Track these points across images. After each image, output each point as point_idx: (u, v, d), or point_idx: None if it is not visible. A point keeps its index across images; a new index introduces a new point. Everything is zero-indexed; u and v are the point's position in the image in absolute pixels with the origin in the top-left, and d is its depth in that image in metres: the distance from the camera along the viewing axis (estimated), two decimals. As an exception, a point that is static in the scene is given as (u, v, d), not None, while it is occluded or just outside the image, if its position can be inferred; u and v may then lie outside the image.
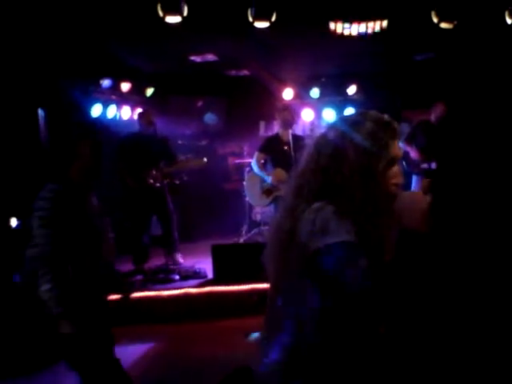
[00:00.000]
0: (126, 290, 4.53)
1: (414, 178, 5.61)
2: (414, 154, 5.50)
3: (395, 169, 1.44)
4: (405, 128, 5.90)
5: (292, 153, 5.43)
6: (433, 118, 5.70)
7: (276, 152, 5.59)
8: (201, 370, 3.63)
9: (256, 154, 5.73)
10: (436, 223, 1.55)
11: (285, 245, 1.41)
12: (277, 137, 5.73)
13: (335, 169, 1.41)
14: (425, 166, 5.44)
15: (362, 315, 1.35)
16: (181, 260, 5.78)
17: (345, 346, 1.35)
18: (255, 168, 5.71)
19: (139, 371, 3.73)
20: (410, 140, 5.56)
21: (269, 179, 5.59)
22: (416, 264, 1.48)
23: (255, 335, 3.57)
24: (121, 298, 4.20)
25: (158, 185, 5.55)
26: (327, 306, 1.34)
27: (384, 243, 1.41)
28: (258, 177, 5.81)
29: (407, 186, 5.73)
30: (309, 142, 1.55)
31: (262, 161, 5.71)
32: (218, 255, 5.11)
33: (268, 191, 5.77)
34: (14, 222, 4.73)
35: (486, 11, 5.02)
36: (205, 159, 5.78)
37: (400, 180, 1.46)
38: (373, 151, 1.40)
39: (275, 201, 5.72)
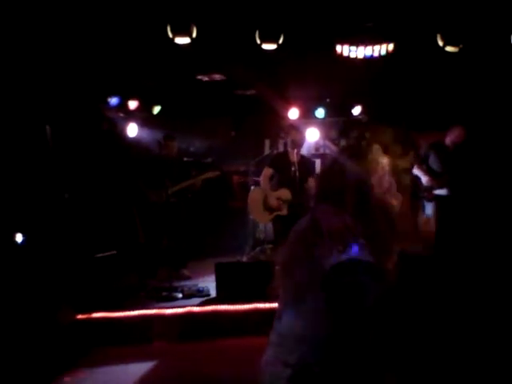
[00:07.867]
0: None
1: (428, 205, 5.36)
2: (425, 179, 5.27)
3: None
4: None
5: (297, 174, 5.42)
6: (448, 141, 5.49)
7: (283, 170, 5.59)
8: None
9: (265, 168, 5.75)
10: (443, 249, 1.56)
11: (301, 257, 1.39)
12: (286, 154, 5.74)
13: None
14: (439, 192, 5.22)
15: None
16: (187, 274, 5.83)
17: (356, 365, 1.33)
18: (262, 182, 5.71)
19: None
20: (421, 163, 5.28)
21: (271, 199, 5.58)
22: (419, 287, 1.48)
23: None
24: None
25: (177, 199, 5.80)
26: (341, 322, 1.32)
27: (388, 265, 1.40)
28: (262, 193, 5.71)
29: (416, 212, 5.62)
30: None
31: (270, 176, 5.71)
32: (222, 273, 5.11)
33: (270, 209, 5.65)
34: (19, 237, 4.73)
35: (491, 35, 5.05)
36: (218, 172, 6.02)
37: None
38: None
39: (275, 220, 5.68)
